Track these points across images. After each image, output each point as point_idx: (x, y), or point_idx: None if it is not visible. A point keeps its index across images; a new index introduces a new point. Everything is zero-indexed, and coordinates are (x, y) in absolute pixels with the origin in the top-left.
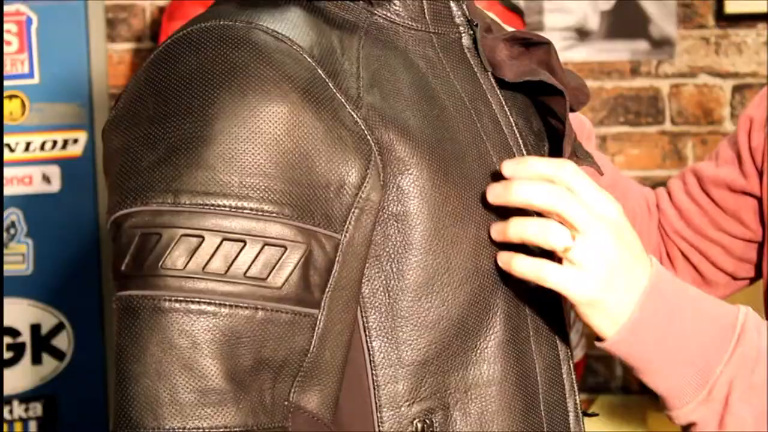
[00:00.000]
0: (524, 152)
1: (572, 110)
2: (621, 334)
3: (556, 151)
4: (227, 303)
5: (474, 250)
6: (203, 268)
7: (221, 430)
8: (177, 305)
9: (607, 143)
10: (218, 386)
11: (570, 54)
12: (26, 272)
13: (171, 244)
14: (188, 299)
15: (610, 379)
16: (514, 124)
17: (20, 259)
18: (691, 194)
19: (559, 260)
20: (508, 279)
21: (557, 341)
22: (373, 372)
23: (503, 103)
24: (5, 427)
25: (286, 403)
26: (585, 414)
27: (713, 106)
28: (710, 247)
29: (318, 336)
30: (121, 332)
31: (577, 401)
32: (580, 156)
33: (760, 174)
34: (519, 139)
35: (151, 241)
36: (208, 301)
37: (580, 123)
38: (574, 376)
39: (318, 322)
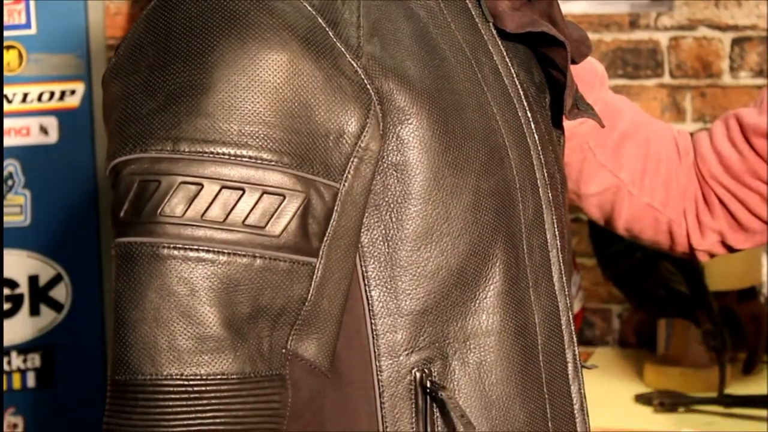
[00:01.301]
0: (525, 104)
1: (574, 62)
2: None
3: (557, 103)
4: (225, 251)
5: (474, 201)
6: (202, 215)
7: (219, 377)
8: (175, 252)
9: None
10: (216, 333)
11: (569, 6)
12: (24, 224)
13: (170, 191)
14: (187, 246)
15: (607, 332)
16: (515, 75)
17: (18, 210)
18: (732, 140)
19: None
20: (507, 230)
21: (556, 292)
22: (372, 321)
23: (504, 54)
24: (4, 377)
25: (283, 351)
26: (583, 366)
27: (712, 59)
28: (748, 194)
29: (316, 285)
30: (119, 279)
31: (576, 352)
32: (581, 108)
33: None
34: (520, 90)
35: (150, 188)
36: (206, 248)
37: (592, 68)
38: (573, 327)
39: (316, 270)
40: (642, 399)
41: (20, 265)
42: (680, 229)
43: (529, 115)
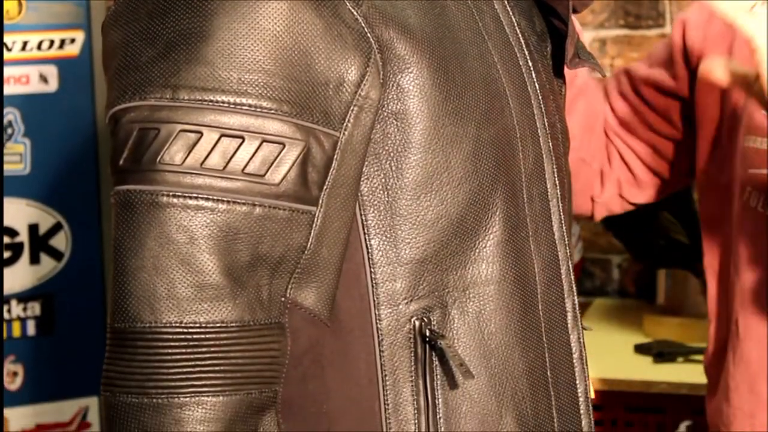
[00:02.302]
0: (526, 53)
1: (575, 11)
2: None
3: (558, 52)
4: (225, 199)
5: (474, 150)
6: (201, 163)
7: (218, 325)
8: (175, 200)
9: (607, 46)
10: (215, 281)
11: None
12: (24, 172)
13: (169, 139)
14: (186, 194)
15: (607, 282)
16: (516, 24)
17: (17, 159)
18: (623, 94)
19: None
20: (507, 179)
21: (556, 241)
22: (372, 270)
23: (505, 2)
24: (4, 325)
25: (282, 299)
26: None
27: None
28: (641, 146)
29: (315, 233)
30: (118, 227)
31: (575, 302)
32: (583, 57)
33: (692, 75)
34: (521, 38)
35: (149, 136)
36: (206, 196)
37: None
38: (572, 277)
39: (315, 219)
40: (641, 349)
41: (20, 213)
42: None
43: (530, 64)
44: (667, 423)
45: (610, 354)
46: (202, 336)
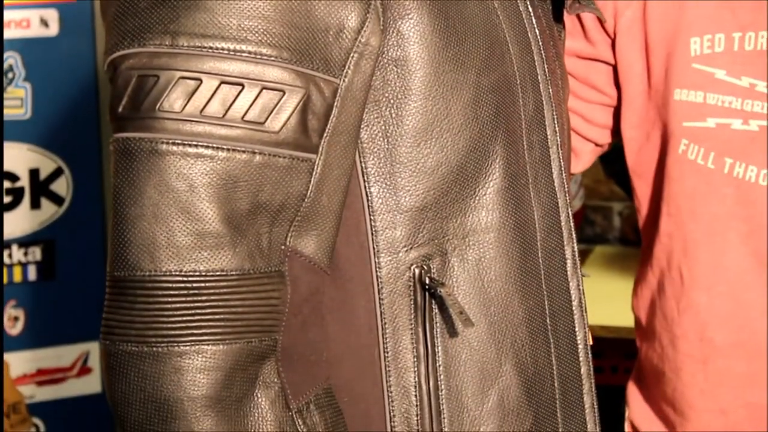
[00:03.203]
0: None
1: None
2: None
3: None
4: (225, 146)
5: (474, 97)
6: (201, 111)
7: (218, 273)
8: (174, 148)
9: None
10: (215, 230)
11: None
12: (24, 116)
13: (168, 86)
14: (186, 142)
15: (608, 230)
16: None
17: (18, 103)
18: None
19: None
20: (507, 126)
21: (556, 189)
22: (371, 218)
23: None
24: (4, 270)
25: (282, 247)
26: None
27: None
28: (571, 116)
29: (315, 181)
30: (118, 174)
31: (575, 249)
32: (582, 2)
33: (612, 39)
34: None
35: (149, 83)
36: (205, 144)
37: None
38: (572, 224)
39: (315, 167)
40: None
41: (21, 158)
42: None
43: (530, 9)
44: None
45: (611, 301)
46: (202, 284)
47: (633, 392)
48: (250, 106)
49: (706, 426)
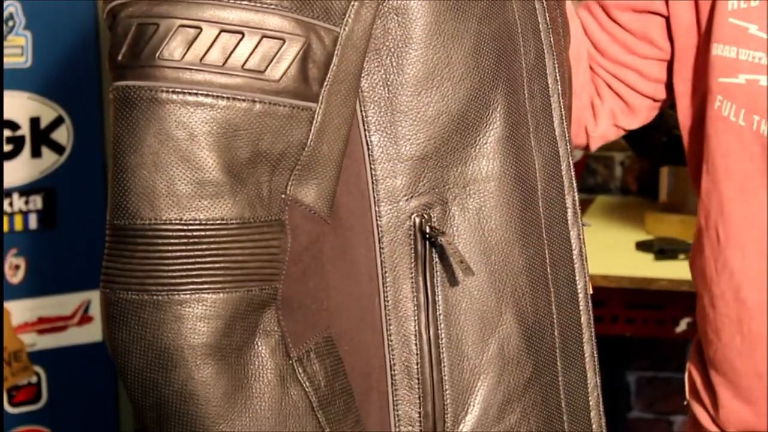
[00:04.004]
0: None
1: None
2: None
3: None
4: (225, 95)
5: (475, 45)
6: (201, 59)
7: (218, 222)
8: (174, 96)
9: None
10: (215, 178)
11: None
12: (25, 65)
13: (168, 34)
14: (186, 90)
15: (609, 179)
16: None
17: (19, 51)
18: (600, 24)
19: None
20: (508, 75)
21: (557, 138)
22: (372, 166)
23: None
24: (5, 219)
25: (283, 196)
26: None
27: None
28: (627, 72)
29: (316, 130)
30: (117, 123)
31: (575, 198)
32: None
33: None
34: None
35: (148, 31)
36: (205, 92)
37: None
38: (573, 173)
39: (316, 115)
40: (642, 246)
41: (21, 106)
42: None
43: None
44: (667, 319)
45: (612, 251)
46: (202, 233)
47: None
48: (250, 54)
49: (748, 390)
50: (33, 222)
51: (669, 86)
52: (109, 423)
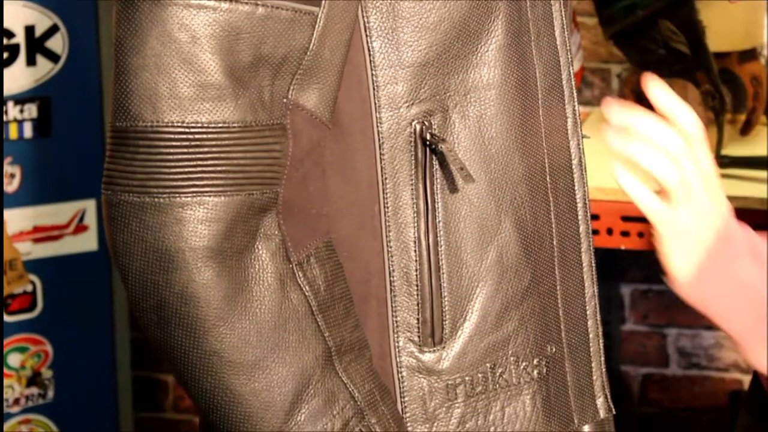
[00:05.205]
0: None
1: None
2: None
3: None
4: None
5: None
6: None
7: (220, 125)
8: None
9: None
10: (217, 81)
11: None
12: None
13: None
14: None
15: (606, 92)
16: None
17: None
18: None
19: None
20: None
21: (558, 46)
22: (373, 73)
23: None
24: (1, 127)
25: (284, 100)
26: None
27: None
28: None
29: (318, 34)
30: (119, 25)
31: (576, 107)
32: None
33: None
34: None
35: None
36: None
37: None
38: (573, 83)
39: (318, 20)
40: None
41: (16, 14)
42: None
43: None
44: None
45: (608, 164)
46: (204, 136)
47: None
48: None
49: None
50: (28, 131)
51: None
52: (103, 332)
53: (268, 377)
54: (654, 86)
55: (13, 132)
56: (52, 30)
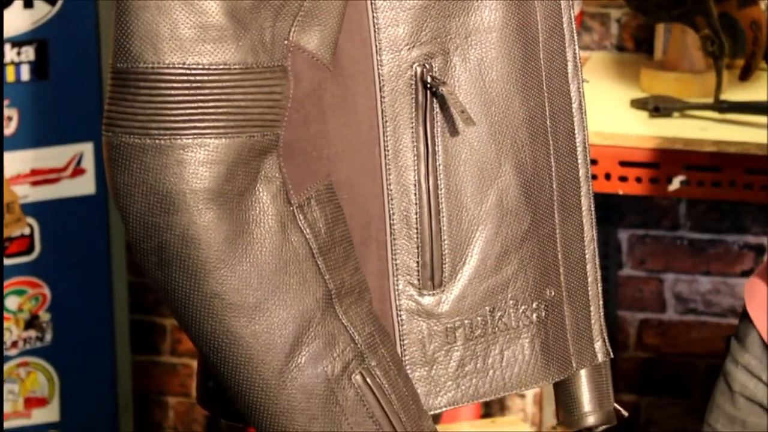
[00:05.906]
0: None
1: None
2: None
3: None
4: None
5: None
6: None
7: (221, 66)
8: None
9: None
10: (218, 22)
11: None
12: None
13: None
14: None
15: (605, 36)
16: None
17: None
18: None
19: None
20: None
21: None
22: (374, 14)
23: None
24: None
25: (286, 42)
26: None
27: None
28: None
29: None
30: None
31: (576, 51)
32: None
33: None
34: None
35: None
36: None
37: None
38: (574, 26)
39: None
40: (637, 103)
41: None
42: None
43: None
44: (660, 177)
45: (607, 108)
46: (205, 77)
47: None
48: None
49: None
50: (25, 73)
51: None
52: (101, 275)
53: (269, 319)
54: None
55: (10, 75)
56: None
